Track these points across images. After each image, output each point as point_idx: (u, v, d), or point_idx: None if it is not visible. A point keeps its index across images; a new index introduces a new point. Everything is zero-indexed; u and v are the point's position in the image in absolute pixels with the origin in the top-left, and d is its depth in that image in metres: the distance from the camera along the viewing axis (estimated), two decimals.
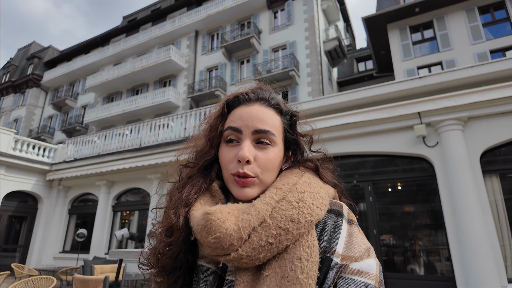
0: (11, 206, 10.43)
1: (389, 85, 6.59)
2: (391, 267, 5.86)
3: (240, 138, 0.63)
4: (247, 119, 0.63)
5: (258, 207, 0.55)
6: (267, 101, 0.67)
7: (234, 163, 0.61)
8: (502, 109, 5.26)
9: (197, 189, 0.64)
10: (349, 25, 23.03)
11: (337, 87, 18.45)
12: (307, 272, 0.50)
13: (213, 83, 16.90)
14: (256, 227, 0.53)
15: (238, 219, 0.54)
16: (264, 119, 0.64)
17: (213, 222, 0.53)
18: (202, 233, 0.54)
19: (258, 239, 0.52)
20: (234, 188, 0.61)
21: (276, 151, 0.64)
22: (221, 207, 0.56)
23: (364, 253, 0.55)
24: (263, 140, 0.63)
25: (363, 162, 6.54)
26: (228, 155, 0.63)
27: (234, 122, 0.64)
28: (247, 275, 0.54)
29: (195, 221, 0.57)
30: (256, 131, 0.62)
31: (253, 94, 0.68)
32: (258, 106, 0.66)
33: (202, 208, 0.60)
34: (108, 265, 6.60)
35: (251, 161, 0.60)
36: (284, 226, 0.53)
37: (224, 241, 0.52)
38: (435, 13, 13.22)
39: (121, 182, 10.15)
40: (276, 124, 0.65)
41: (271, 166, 0.63)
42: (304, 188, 0.58)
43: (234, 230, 0.52)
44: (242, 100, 0.67)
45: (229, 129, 0.64)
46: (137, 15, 24.55)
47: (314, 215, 0.55)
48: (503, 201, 5.20)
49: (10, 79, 27.11)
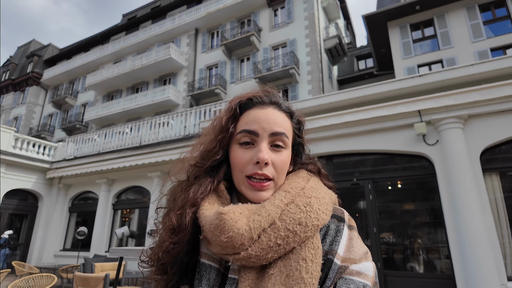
0: (11, 204, 10.44)
1: (389, 83, 6.58)
2: (391, 265, 5.87)
3: (256, 140, 0.64)
4: (264, 122, 0.64)
5: (268, 209, 0.57)
6: (279, 105, 0.69)
7: (251, 165, 0.62)
8: (502, 107, 5.25)
9: (204, 189, 0.64)
10: (349, 23, 22.98)
11: (337, 85, 18.42)
12: (311, 272, 0.53)
13: (213, 81, 16.87)
14: (266, 228, 0.55)
15: (249, 219, 0.56)
16: (279, 122, 0.66)
17: (227, 222, 0.54)
18: (214, 232, 0.56)
19: (267, 240, 0.54)
20: (249, 191, 0.62)
21: (288, 154, 0.66)
22: (234, 208, 0.58)
23: (362, 256, 0.58)
24: (278, 143, 0.64)
25: (363, 160, 6.54)
26: (243, 157, 0.63)
27: (250, 125, 0.65)
28: (252, 273, 0.56)
29: (206, 220, 0.58)
30: (273, 133, 0.64)
31: (266, 98, 0.69)
32: (272, 109, 0.67)
33: (211, 208, 0.61)
34: (108, 263, 6.62)
35: (269, 163, 0.62)
36: (292, 229, 0.55)
37: (236, 241, 0.54)
38: (435, 11, 13.18)
39: (121, 180, 10.16)
40: (288, 128, 0.67)
41: (285, 168, 0.65)
42: (311, 193, 0.61)
43: (245, 230, 0.54)
44: (256, 103, 0.68)
45: (244, 132, 0.64)
46: (136, 13, 24.50)
47: (320, 220, 0.58)
48: (503, 199, 5.21)
49: (10, 77, 27.08)
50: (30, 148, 10.75)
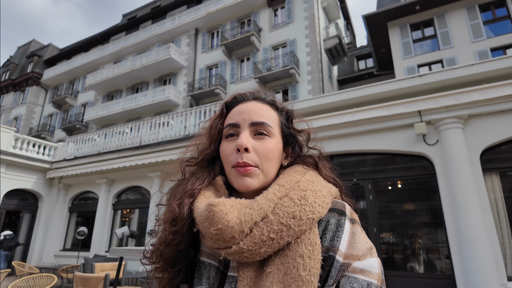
0: (11, 204, 10.44)
1: (389, 83, 6.58)
2: (391, 265, 5.87)
3: (238, 132, 0.65)
4: (244, 113, 0.66)
5: (260, 203, 0.56)
6: (262, 99, 0.71)
7: (234, 155, 0.63)
8: (502, 107, 5.25)
9: (201, 181, 0.65)
10: (349, 23, 22.97)
11: (337, 85, 18.42)
12: (309, 270, 0.51)
13: (213, 81, 16.86)
14: (258, 222, 0.54)
15: (240, 212, 0.55)
16: (260, 112, 0.67)
17: (216, 213, 0.54)
18: (204, 224, 0.55)
19: (259, 234, 0.53)
20: (235, 180, 0.62)
21: (274, 142, 0.66)
22: (225, 200, 0.56)
23: (366, 252, 0.55)
24: (260, 131, 0.65)
25: (363, 160, 6.54)
26: (228, 149, 0.65)
27: (232, 118, 0.67)
28: (250, 271, 0.55)
29: (198, 212, 0.58)
30: (253, 123, 0.65)
31: (250, 94, 0.72)
32: (254, 102, 0.69)
33: (206, 200, 0.61)
34: (108, 263, 6.62)
35: (250, 149, 0.62)
36: (286, 222, 0.54)
37: (226, 233, 0.52)
38: (435, 11, 13.18)
39: (121, 180, 10.16)
40: (272, 118, 0.68)
41: (271, 155, 0.64)
42: (307, 186, 0.59)
43: (236, 223, 0.53)
44: (240, 100, 0.71)
45: (228, 126, 0.67)
46: (137, 13, 24.49)
47: (315, 213, 0.56)
48: (503, 199, 5.21)
49: (10, 77, 27.07)
50: (30, 148, 10.75)
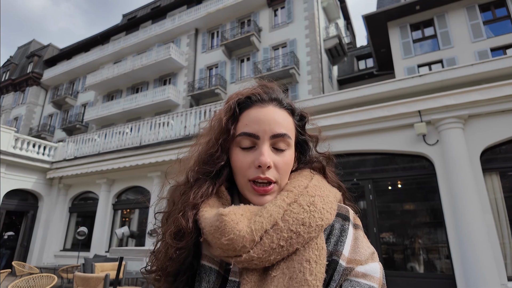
0: (11, 204, 10.44)
1: (389, 83, 6.58)
2: (391, 265, 5.87)
3: (257, 143, 0.61)
4: (265, 123, 0.61)
5: (270, 210, 0.55)
6: (280, 102, 0.65)
7: (253, 169, 0.59)
8: (502, 107, 5.25)
9: (204, 191, 0.62)
10: (349, 23, 22.97)
11: (337, 85, 18.42)
12: (315, 274, 0.51)
13: (213, 81, 16.87)
14: (268, 230, 0.53)
15: (250, 221, 0.54)
16: (280, 122, 0.62)
17: (227, 223, 0.52)
18: (215, 235, 0.54)
19: (269, 242, 0.52)
20: (252, 196, 0.60)
21: (291, 154, 0.64)
22: (234, 209, 0.55)
23: (368, 257, 0.56)
24: (280, 144, 0.61)
25: (363, 160, 6.54)
26: (244, 161, 0.60)
27: (250, 126, 0.61)
28: (254, 275, 0.54)
29: (206, 222, 0.56)
30: (275, 135, 0.61)
31: (266, 95, 0.65)
32: (272, 107, 0.64)
33: (211, 209, 0.59)
34: (108, 263, 6.62)
35: (272, 166, 0.59)
36: (296, 230, 0.53)
37: (237, 243, 0.52)
38: (435, 11, 13.18)
39: (121, 180, 10.16)
40: (290, 126, 0.64)
41: (289, 170, 0.63)
42: (315, 192, 0.59)
43: (247, 232, 0.52)
44: (255, 101, 0.64)
45: (244, 135, 0.61)
46: (137, 13, 24.49)
47: (324, 220, 0.55)
48: (503, 199, 5.20)
49: (10, 78, 27.07)
50: (30, 148, 10.75)
